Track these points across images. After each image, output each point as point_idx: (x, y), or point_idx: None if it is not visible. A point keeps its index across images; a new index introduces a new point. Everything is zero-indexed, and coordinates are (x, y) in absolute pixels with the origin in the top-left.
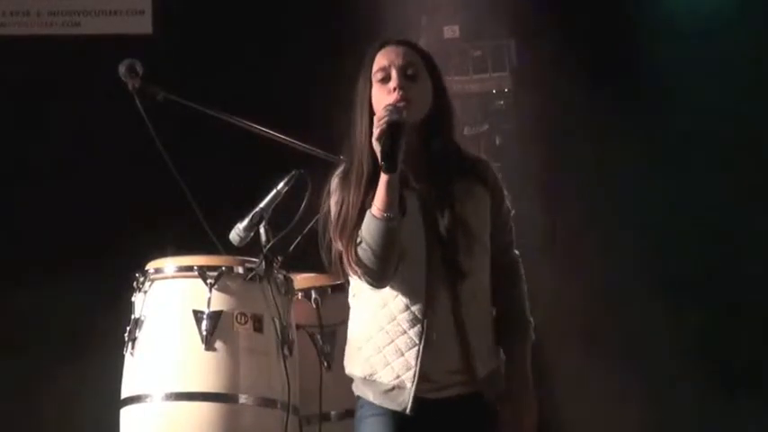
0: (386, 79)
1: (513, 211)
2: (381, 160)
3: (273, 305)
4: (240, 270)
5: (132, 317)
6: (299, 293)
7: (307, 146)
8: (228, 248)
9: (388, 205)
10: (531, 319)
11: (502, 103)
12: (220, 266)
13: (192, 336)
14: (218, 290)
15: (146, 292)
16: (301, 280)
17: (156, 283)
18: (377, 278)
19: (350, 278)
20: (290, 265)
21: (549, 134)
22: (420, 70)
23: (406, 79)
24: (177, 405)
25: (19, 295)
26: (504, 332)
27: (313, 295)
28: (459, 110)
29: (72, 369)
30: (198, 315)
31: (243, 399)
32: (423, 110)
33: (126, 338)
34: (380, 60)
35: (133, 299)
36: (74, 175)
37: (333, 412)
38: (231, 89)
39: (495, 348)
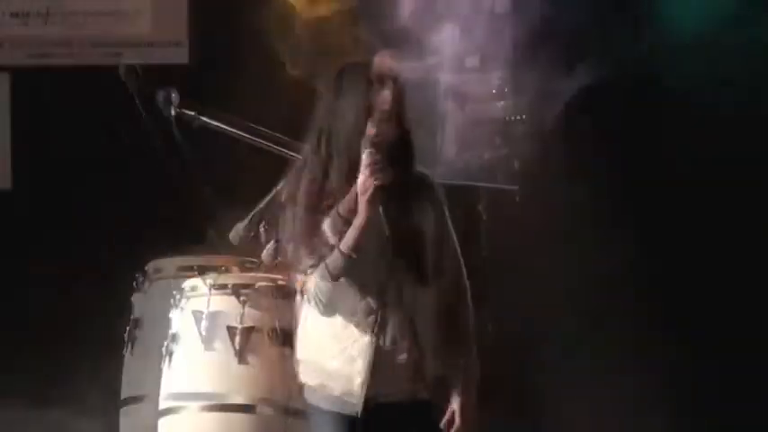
0: (380, 81)
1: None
2: (363, 222)
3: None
4: (239, 269)
5: (131, 317)
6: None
7: None
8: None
9: (358, 247)
10: (474, 348)
11: (520, 128)
12: (221, 266)
13: (225, 349)
14: (251, 307)
15: (145, 292)
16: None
17: (155, 282)
18: (330, 308)
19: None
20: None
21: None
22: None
23: (387, 119)
24: (211, 416)
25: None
26: (447, 353)
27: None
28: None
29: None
30: (231, 330)
31: (272, 409)
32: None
33: (125, 338)
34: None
35: (132, 299)
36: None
37: None
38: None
39: (442, 357)
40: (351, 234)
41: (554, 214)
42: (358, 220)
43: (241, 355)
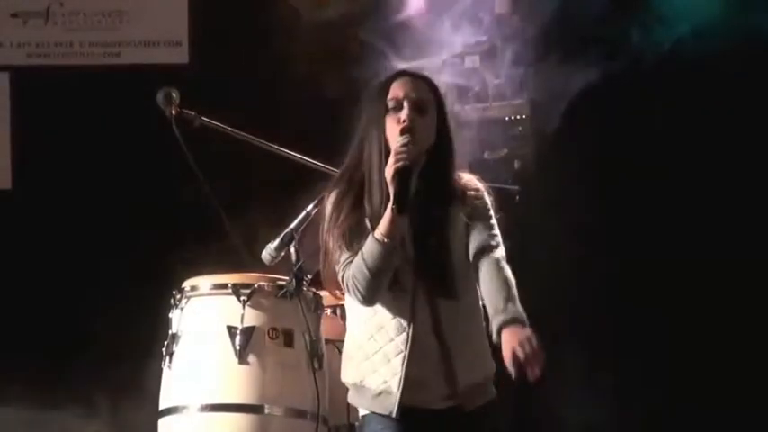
0: (397, 108)
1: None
2: (393, 203)
3: (303, 321)
4: (271, 288)
5: (169, 332)
6: (328, 309)
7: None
8: (260, 267)
9: (391, 233)
10: (520, 308)
11: (520, 128)
12: (253, 284)
13: (226, 350)
14: (251, 306)
15: (182, 308)
16: (330, 297)
17: (192, 300)
18: (368, 297)
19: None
20: (319, 283)
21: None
22: (429, 105)
23: (416, 112)
24: (212, 416)
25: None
26: (492, 296)
27: (340, 311)
28: (479, 135)
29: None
30: (232, 330)
31: (275, 410)
32: (427, 143)
33: (164, 352)
34: (395, 90)
35: (170, 315)
36: (117, 198)
37: (358, 423)
38: (262, 114)
39: (482, 363)
40: (384, 221)
41: (554, 214)
42: (389, 207)
43: (241, 356)
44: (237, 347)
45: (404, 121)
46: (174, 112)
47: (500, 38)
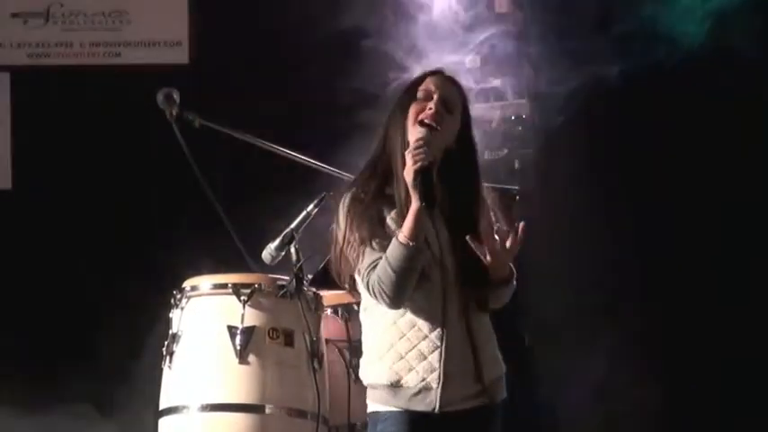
0: (426, 99)
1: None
2: (421, 200)
3: (304, 321)
4: (272, 287)
5: (170, 332)
6: (328, 310)
7: (337, 170)
8: (261, 267)
9: (415, 235)
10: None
11: (520, 128)
12: (253, 284)
13: (226, 350)
14: (251, 306)
15: (182, 308)
16: (330, 297)
17: (192, 299)
18: (395, 300)
19: (361, 294)
20: (319, 283)
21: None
22: (456, 107)
23: (444, 108)
24: (212, 416)
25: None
26: None
27: (341, 311)
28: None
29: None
30: (232, 330)
31: (275, 409)
32: (447, 140)
33: (164, 352)
34: (428, 83)
35: (171, 315)
36: (117, 198)
37: (359, 423)
38: (262, 114)
39: (499, 359)
40: (407, 222)
41: (554, 214)
42: (412, 208)
43: (241, 355)
44: (238, 347)
45: (430, 108)
46: (174, 112)
47: (500, 38)
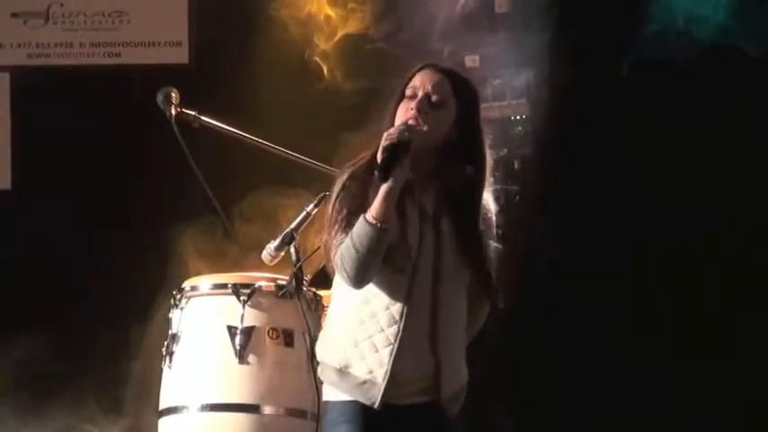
0: (413, 97)
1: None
2: (376, 170)
3: (303, 321)
4: (271, 287)
5: (169, 332)
6: (328, 310)
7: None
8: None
9: (383, 214)
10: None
11: (520, 128)
12: (253, 284)
13: (226, 350)
14: (251, 306)
15: (182, 308)
16: (330, 297)
17: (192, 300)
18: (355, 280)
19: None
20: (319, 283)
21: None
22: (446, 100)
23: (429, 105)
24: (212, 416)
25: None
26: None
27: None
28: None
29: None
30: (232, 330)
31: (275, 409)
32: (434, 136)
33: (164, 353)
34: (415, 80)
35: (170, 315)
36: (117, 199)
37: None
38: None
39: (461, 368)
40: (375, 202)
41: (554, 214)
42: (382, 188)
43: (241, 356)
44: (237, 347)
45: (412, 108)
46: (174, 112)
47: (500, 38)
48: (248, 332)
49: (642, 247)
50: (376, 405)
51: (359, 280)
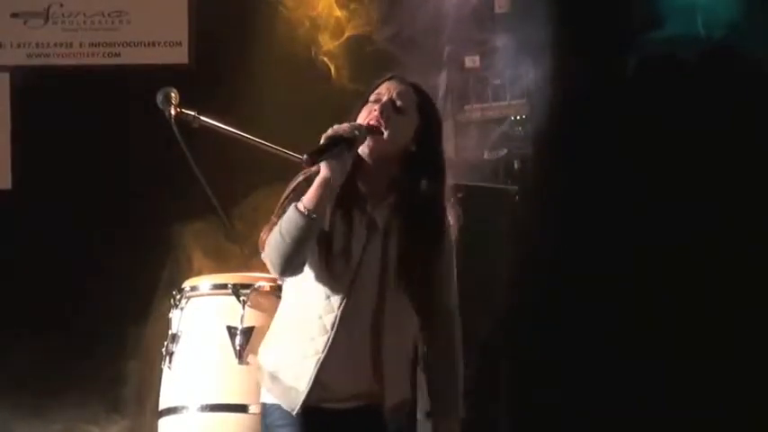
0: (376, 102)
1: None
2: (307, 152)
3: None
4: (271, 288)
5: (169, 332)
6: None
7: None
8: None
9: (313, 204)
10: (462, 366)
11: (519, 128)
12: (253, 284)
13: (226, 350)
14: (251, 306)
15: (182, 308)
16: None
17: (192, 300)
18: (280, 268)
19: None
20: None
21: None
22: (410, 108)
23: (393, 109)
24: (212, 416)
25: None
26: (435, 369)
27: None
28: (478, 135)
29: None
30: (232, 330)
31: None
32: (394, 143)
33: (164, 353)
34: (381, 88)
35: (170, 315)
36: (116, 199)
37: None
38: (262, 114)
39: (404, 382)
40: (309, 190)
41: (554, 214)
42: (318, 177)
43: (241, 355)
44: (237, 347)
45: (375, 110)
46: (173, 112)
47: (500, 38)
48: (248, 332)
49: (642, 247)
50: (294, 412)
51: (282, 268)
